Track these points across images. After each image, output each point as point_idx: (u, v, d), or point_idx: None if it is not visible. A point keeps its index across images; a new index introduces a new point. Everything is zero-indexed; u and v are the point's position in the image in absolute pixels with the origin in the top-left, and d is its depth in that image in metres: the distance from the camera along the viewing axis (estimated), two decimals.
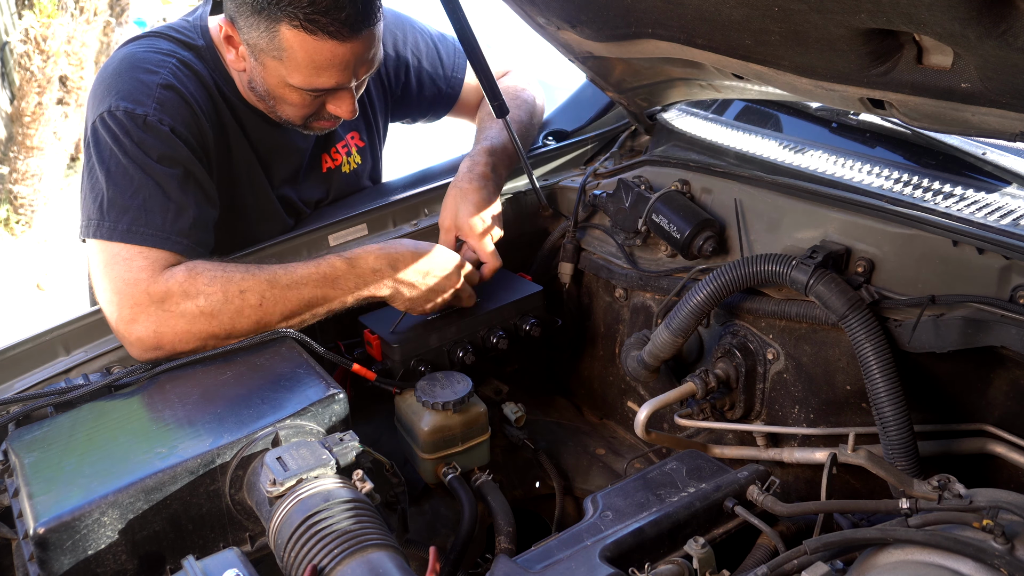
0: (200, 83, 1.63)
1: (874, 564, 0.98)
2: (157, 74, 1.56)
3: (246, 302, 1.44)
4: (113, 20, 7.15)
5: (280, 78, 1.55)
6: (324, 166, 1.92)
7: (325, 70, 1.52)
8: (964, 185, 1.40)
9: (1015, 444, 1.27)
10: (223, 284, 1.44)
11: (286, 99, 1.60)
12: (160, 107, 1.52)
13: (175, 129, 1.52)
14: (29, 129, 6.07)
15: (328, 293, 1.49)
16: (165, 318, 1.42)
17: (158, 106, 1.52)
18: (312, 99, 1.60)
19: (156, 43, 1.64)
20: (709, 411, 1.56)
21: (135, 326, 1.42)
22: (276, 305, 1.45)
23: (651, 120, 1.93)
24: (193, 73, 1.62)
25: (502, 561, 1.13)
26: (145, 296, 1.42)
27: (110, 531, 1.09)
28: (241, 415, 1.24)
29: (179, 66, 1.60)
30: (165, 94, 1.54)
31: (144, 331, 1.42)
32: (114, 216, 1.47)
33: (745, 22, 1.07)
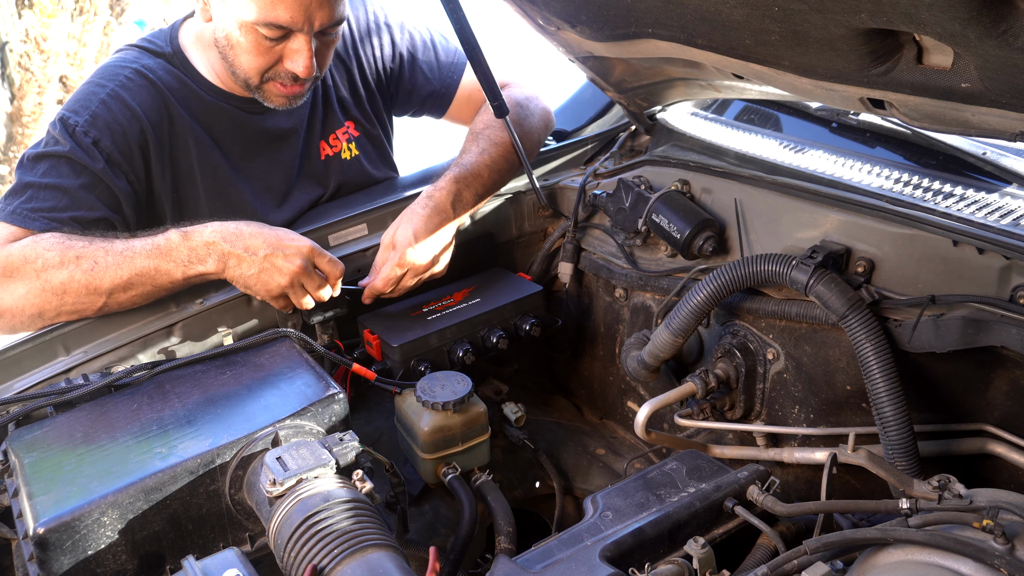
0: (154, 92, 1.71)
1: (874, 564, 0.98)
2: (105, 87, 1.68)
3: (79, 266, 1.47)
4: (113, 20, 7.15)
5: (237, 16, 1.59)
6: (323, 153, 1.93)
7: (279, 2, 1.54)
8: (964, 185, 1.40)
9: (1015, 444, 1.27)
10: (62, 249, 1.48)
11: (242, 45, 1.63)
12: (92, 120, 1.63)
13: (99, 142, 1.62)
14: (29, 129, 6.07)
15: (160, 264, 1.49)
16: (5, 283, 1.49)
17: (91, 118, 1.63)
18: (268, 44, 1.62)
19: (126, 54, 1.77)
20: (709, 411, 1.56)
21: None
22: (107, 271, 1.47)
23: (651, 120, 1.93)
24: (148, 83, 1.71)
25: (502, 561, 1.13)
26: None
27: (110, 531, 1.09)
28: (241, 415, 1.24)
29: (133, 76, 1.70)
30: (103, 108, 1.65)
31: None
32: (9, 200, 1.59)
33: (745, 22, 1.07)
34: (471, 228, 1.85)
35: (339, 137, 1.95)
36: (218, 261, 1.50)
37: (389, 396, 1.59)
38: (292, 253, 1.51)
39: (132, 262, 1.48)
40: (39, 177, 1.59)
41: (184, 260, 1.49)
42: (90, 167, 1.61)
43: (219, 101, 1.77)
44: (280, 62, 1.65)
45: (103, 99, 1.66)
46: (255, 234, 1.52)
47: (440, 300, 1.73)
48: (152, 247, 1.49)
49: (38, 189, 1.58)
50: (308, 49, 1.62)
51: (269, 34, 1.59)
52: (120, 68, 1.71)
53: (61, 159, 1.60)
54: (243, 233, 1.51)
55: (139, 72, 1.71)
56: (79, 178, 1.60)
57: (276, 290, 1.53)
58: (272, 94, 1.71)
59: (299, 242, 1.53)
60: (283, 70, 1.66)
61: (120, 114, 1.65)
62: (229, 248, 1.50)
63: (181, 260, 1.49)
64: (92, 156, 1.61)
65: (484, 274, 1.84)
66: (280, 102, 1.73)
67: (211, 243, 1.50)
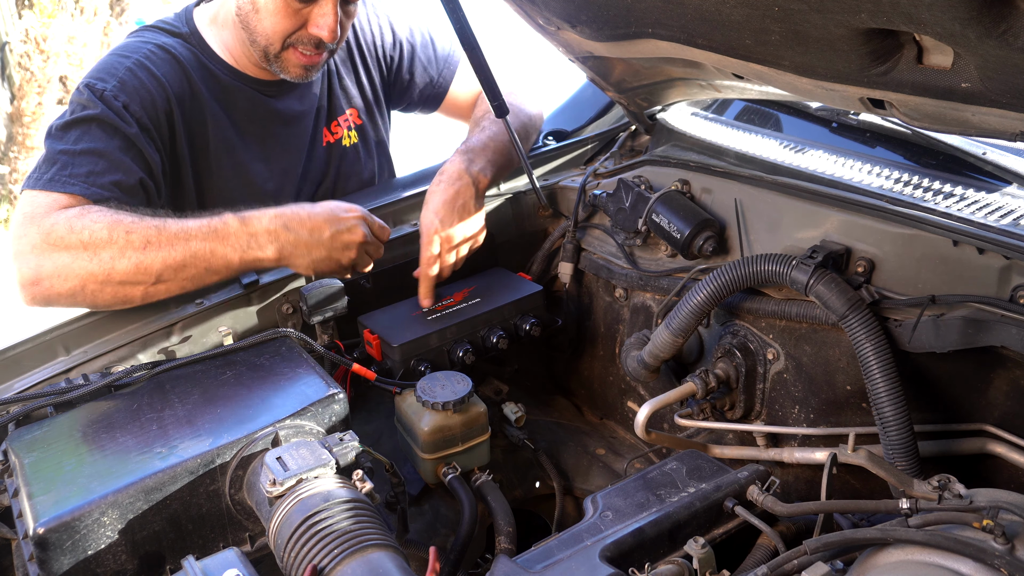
0: (177, 66, 1.71)
1: (874, 564, 0.98)
2: (129, 58, 1.67)
3: (130, 243, 1.43)
4: (113, 20, 7.16)
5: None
6: (324, 140, 1.95)
7: None
8: (964, 185, 1.40)
9: (1015, 444, 1.27)
10: (111, 223, 1.44)
11: (268, 8, 1.64)
12: (120, 85, 1.62)
13: (128, 106, 1.60)
14: (29, 129, 6.08)
15: (216, 248, 1.47)
16: (48, 251, 1.44)
17: (119, 84, 1.61)
18: (295, 8, 1.63)
19: (143, 34, 1.77)
20: (709, 411, 1.56)
21: (20, 260, 1.45)
22: (160, 250, 1.44)
23: (651, 120, 1.93)
24: (170, 57, 1.71)
25: (502, 561, 1.13)
26: (35, 230, 1.45)
27: (110, 531, 1.09)
28: (241, 415, 1.24)
29: (156, 50, 1.70)
30: (130, 75, 1.63)
31: (27, 265, 1.45)
32: (42, 170, 1.54)
33: (745, 22, 1.07)
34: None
35: (340, 124, 1.97)
36: (279, 249, 1.50)
37: (389, 396, 1.59)
38: (353, 224, 1.54)
39: (187, 244, 1.45)
40: (71, 144, 1.55)
41: (243, 246, 1.49)
42: (123, 129, 1.58)
43: (235, 81, 1.79)
44: (304, 27, 1.67)
45: (129, 67, 1.64)
46: (313, 216, 1.52)
47: (440, 300, 1.73)
48: (209, 230, 1.47)
49: (72, 156, 1.54)
50: (335, 13, 1.64)
51: None
52: (142, 43, 1.72)
53: (92, 123, 1.57)
54: (302, 217, 1.51)
55: (160, 47, 1.72)
56: (113, 140, 1.57)
57: (347, 263, 1.56)
58: (290, 63, 1.73)
59: (354, 211, 1.56)
60: (306, 35, 1.68)
61: (147, 82, 1.65)
62: (294, 236, 1.50)
63: (240, 245, 1.48)
64: (124, 119, 1.59)
65: (484, 274, 1.84)
66: (297, 72, 1.74)
67: (272, 231, 1.49)
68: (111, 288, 1.45)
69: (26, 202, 1.52)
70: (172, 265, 1.45)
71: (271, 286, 1.63)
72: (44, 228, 1.45)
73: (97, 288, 1.45)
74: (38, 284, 1.45)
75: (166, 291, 1.49)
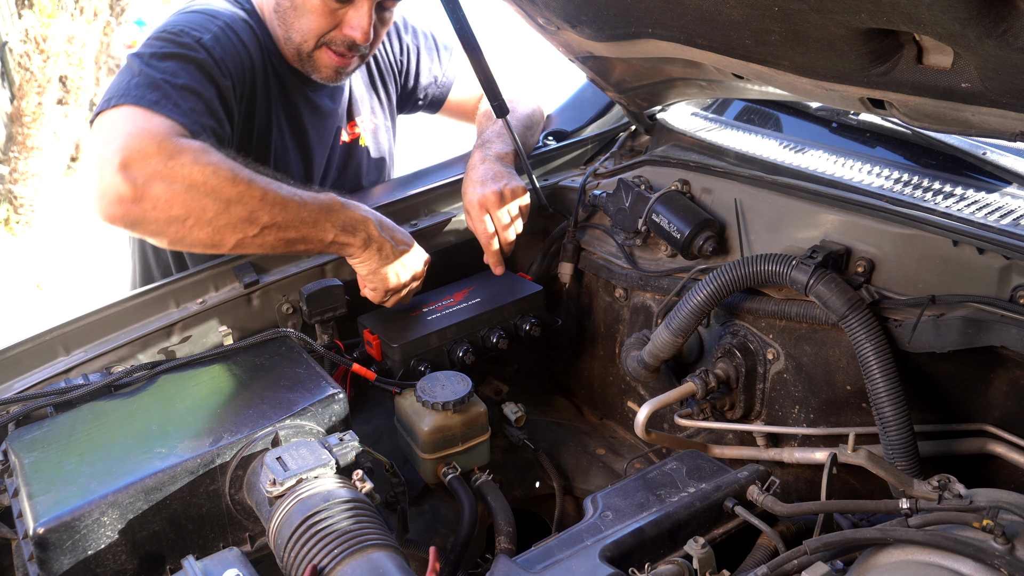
0: (255, 38, 1.72)
1: (874, 564, 0.98)
2: (218, 19, 1.66)
3: (250, 191, 1.40)
4: (113, 20, 7.16)
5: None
6: (340, 139, 1.99)
7: None
8: (964, 185, 1.40)
9: (1015, 444, 1.27)
10: (235, 168, 1.41)
11: (306, 6, 1.66)
12: (216, 39, 1.60)
13: (225, 61, 1.59)
14: (29, 129, 6.08)
15: (319, 219, 1.49)
16: (166, 171, 1.34)
17: (214, 38, 1.60)
18: (331, 7, 1.65)
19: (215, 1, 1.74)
20: (709, 411, 1.56)
21: (125, 171, 1.32)
22: (274, 207, 1.43)
23: (651, 120, 1.93)
24: (248, 28, 1.72)
25: (502, 561, 1.13)
26: (155, 146, 1.35)
27: (110, 531, 1.09)
28: (241, 415, 1.24)
29: (236, 19, 1.70)
30: (225, 32, 1.63)
31: (133, 178, 1.32)
32: (145, 91, 1.44)
33: (745, 22, 1.07)
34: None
35: (357, 124, 2.02)
36: (365, 240, 1.54)
37: (389, 396, 1.59)
38: (417, 257, 1.64)
39: (299, 208, 1.46)
40: (171, 76, 1.48)
41: (340, 226, 1.51)
42: (219, 80, 1.56)
43: (284, 65, 1.80)
44: (339, 27, 1.69)
45: (221, 26, 1.63)
46: (397, 230, 1.61)
47: (440, 300, 1.73)
48: (318, 202, 1.49)
49: (174, 87, 1.47)
50: (370, 16, 1.66)
51: None
52: (222, 10, 1.69)
53: (192, 64, 1.52)
54: (388, 226, 1.59)
55: (240, 18, 1.71)
56: (210, 87, 1.54)
57: (393, 285, 1.61)
58: (322, 63, 1.75)
59: (419, 248, 1.66)
60: (340, 36, 1.70)
61: (236, 44, 1.65)
62: (379, 232, 1.56)
63: (338, 224, 1.51)
64: (222, 71, 1.57)
65: (484, 274, 1.84)
66: (327, 73, 1.77)
67: (366, 221, 1.55)
68: (211, 229, 1.39)
69: (137, 118, 1.40)
70: (279, 223, 1.44)
71: (271, 286, 1.64)
72: (168, 150, 1.35)
73: (198, 225, 1.38)
74: (137, 203, 1.33)
75: (256, 246, 1.46)
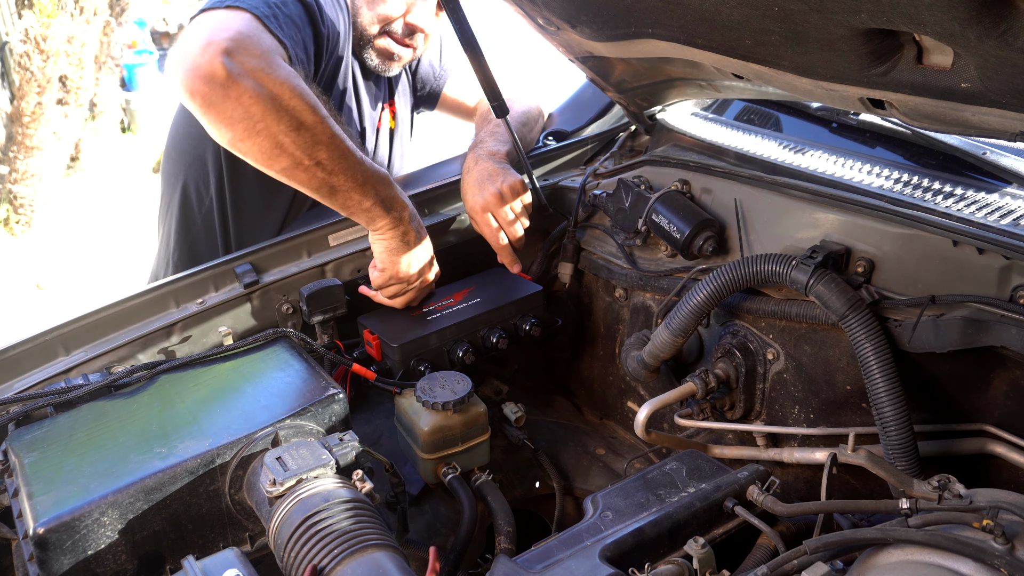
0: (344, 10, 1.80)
1: (874, 564, 0.98)
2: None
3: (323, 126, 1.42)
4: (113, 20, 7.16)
5: None
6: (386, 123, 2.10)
7: None
8: (964, 185, 1.40)
9: (1015, 444, 1.27)
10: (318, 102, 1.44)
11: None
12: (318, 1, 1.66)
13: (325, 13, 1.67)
14: (29, 129, 6.07)
15: (368, 183, 1.51)
16: (263, 73, 1.36)
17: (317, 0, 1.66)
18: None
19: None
20: (709, 411, 1.56)
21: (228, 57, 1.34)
22: (336, 150, 1.45)
23: (651, 120, 1.93)
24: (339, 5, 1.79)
25: (502, 561, 1.13)
26: (261, 50, 1.38)
27: (110, 531, 1.09)
28: (241, 415, 1.24)
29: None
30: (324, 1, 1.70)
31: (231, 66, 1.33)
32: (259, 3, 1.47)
33: (745, 22, 1.07)
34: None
35: (385, 110, 2.09)
36: (396, 220, 1.57)
37: (389, 396, 1.59)
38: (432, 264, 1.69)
39: (356, 163, 1.49)
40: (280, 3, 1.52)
41: (382, 198, 1.54)
42: (318, 26, 1.64)
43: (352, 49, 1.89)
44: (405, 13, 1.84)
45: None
46: (421, 228, 1.65)
47: (440, 300, 1.73)
48: (372, 168, 1.53)
49: (279, 9, 1.51)
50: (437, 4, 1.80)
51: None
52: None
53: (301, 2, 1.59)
54: (417, 215, 1.64)
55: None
56: (309, 27, 1.61)
57: (404, 274, 1.64)
58: (379, 50, 1.87)
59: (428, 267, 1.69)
60: (403, 25, 1.85)
61: (333, 13, 1.71)
62: (409, 218, 1.60)
63: (381, 195, 1.54)
64: (324, 21, 1.65)
65: (484, 274, 1.84)
66: (381, 62, 1.89)
67: (405, 204, 1.60)
68: (273, 142, 1.40)
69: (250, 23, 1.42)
70: (332, 168, 1.46)
71: (271, 286, 1.64)
72: (269, 60, 1.38)
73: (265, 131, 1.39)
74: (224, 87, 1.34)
75: (302, 180, 1.46)
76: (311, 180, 1.46)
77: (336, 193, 1.50)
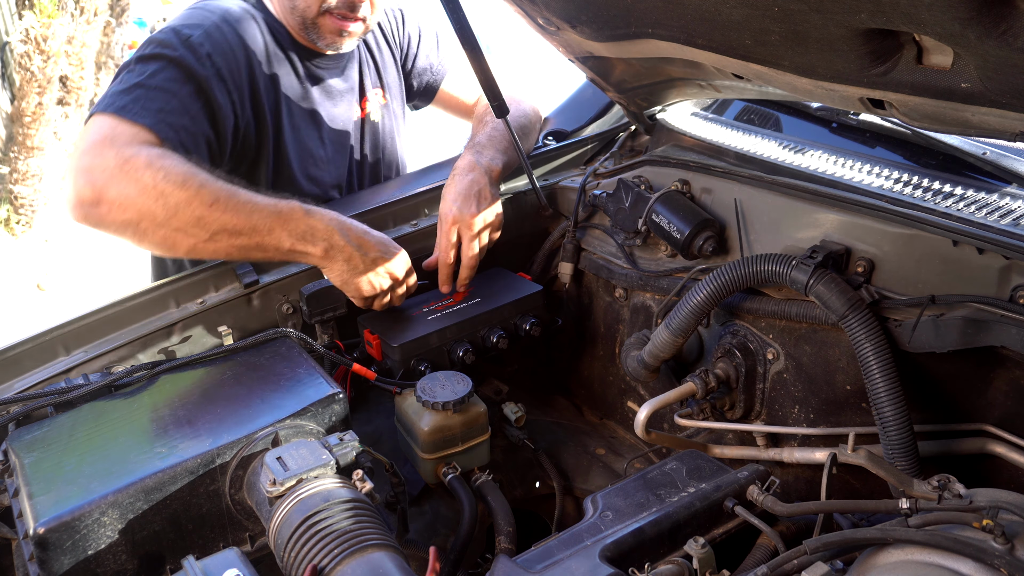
0: (256, 27, 1.78)
1: (874, 564, 0.98)
2: (215, 13, 1.73)
3: (199, 196, 1.44)
4: (113, 20, 7.15)
5: None
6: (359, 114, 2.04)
7: None
8: (964, 185, 1.40)
9: (1015, 444, 1.27)
10: (188, 171, 1.46)
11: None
12: (207, 35, 1.67)
13: (211, 55, 1.65)
14: (29, 129, 6.08)
15: (275, 227, 1.49)
16: (119, 176, 1.44)
17: (205, 34, 1.67)
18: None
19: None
20: (709, 411, 1.56)
21: (85, 178, 1.45)
22: (225, 213, 1.45)
23: (651, 120, 1.93)
24: (250, 17, 1.78)
25: (502, 561, 1.13)
26: (112, 153, 1.46)
27: (110, 531, 1.09)
28: (241, 415, 1.24)
29: (236, 10, 1.76)
30: (217, 27, 1.69)
31: (92, 186, 1.44)
32: (117, 97, 1.56)
33: (745, 22, 1.07)
34: None
35: (370, 99, 2.05)
36: (327, 249, 1.53)
37: (389, 396, 1.59)
38: (396, 263, 1.60)
39: (251, 214, 1.47)
40: (147, 78, 1.59)
41: (299, 234, 1.50)
42: (199, 74, 1.62)
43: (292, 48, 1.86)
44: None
45: (215, 22, 1.71)
46: (367, 234, 1.58)
47: (440, 300, 1.73)
48: (275, 209, 1.50)
49: (147, 89, 1.57)
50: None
51: None
52: (224, 3, 1.76)
53: (171, 63, 1.61)
54: (357, 231, 1.56)
55: (243, 9, 1.77)
56: (187, 85, 1.61)
57: (369, 292, 1.59)
58: (326, 29, 1.80)
59: (401, 253, 1.62)
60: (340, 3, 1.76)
61: (231, 38, 1.70)
62: (344, 241, 1.53)
63: (296, 233, 1.50)
64: (203, 64, 1.63)
65: (484, 274, 1.84)
66: (332, 39, 1.83)
67: (329, 230, 1.52)
68: (164, 232, 1.46)
69: (104, 125, 1.52)
70: (230, 229, 1.46)
71: (271, 286, 1.64)
72: (124, 155, 1.45)
73: (151, 228, 1.46)
74: (97, 206, 1.45)
75: (212, 252, 1.51)
76: (219, 251, 1.49)
77: (250, 250, 1.50)
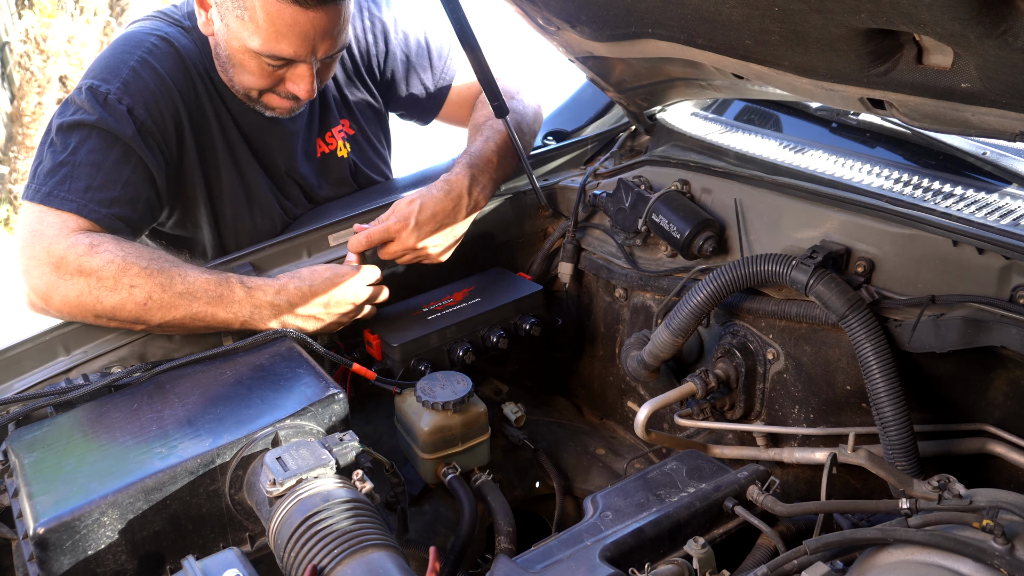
0: (181, 62, 1.68)
1: (874, 564, 0.98)
2: (133, 54, 1.63)
3: (132, 297, 1.44)
4: (113, 20, 7.16)
5: (241, 41, 1.57)
6: (319, 150, 1.94)
7: (285, 36, 1.53)
8: (964, 185, 1.40)
9: (1015, 444, 1.27)
10: (118, 270, 1.44)
11: (245, 66, 1.62)
12: (124, 87, 1.59)
13: (132, 110, 1.58)
14: (29, 129, 6.08)
15: (217, 313, 1.47)
16: (56, 283, 1.46)
17: (122, 86, 1.59)
18: (270, 69, 1.61)
19: (146, 23, 1.73)
20: (709, 411, 1.56)
21: (30, 278, 1.49)
22: (160, 310, 1.45)
23: (651, 120, 1.93)
24: (174, 51, 1.68)
25: (502, 561, 1.13)
26: (44, 253, 1.47)
27: (110, 531, 1.09)
28: (241, 415, 1.24)
29: (159, 43, 1.67)
30: (133, 75, 1.60)
31: (36, 285, 1.48)
32: (42, 180, 1.53)
33: (745, 22, 1.07)
34: (471, 228, 1.84)
35: (335, 135, 1.96)
36: (274, 313, 1.50)
37: (389, 396, 1.59)
38: (350, 290, 1.57)
39: (190, 305, 1.45)
40: (70, 154, 1.54)
41: (245, 315, 1.48)
42: (121, 135, 1.55)
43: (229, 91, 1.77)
44: (282, 83, 1.66)
45: (132, 66, 1.61)
46: (315, 288, 1.53)
47: (440, 300, 1.73)
48: (214, 294, 1.47)
49: (72, 167, 1.53)
50: (310, 76, 1.63)
51: (273, 62, 1.60)
52: (144, 35, 1.67)
53: (92, 130, 1.55)
54: (304, 292, 1.52)
55: (164, 39, 1.68)
56: (112, 150, 1.55)
57: (343, 324, 1.60)
58: (272, 103, 1.72)
59: (351, 279, 1.57)
60: (284, 89, 1.67)
61: (151, 82, 1.62)
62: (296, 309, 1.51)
63: (242, 314, 1.48)
64: (123, 124, 1.56)
65: (484, 274, 1.84)
66: (280, 111, 1.74)
67: (276, 305, 1.50)
68: (116, 323, 1.49)
69: (33, 218, 1.51)
70: (171, 322, 1.47)
71: None
72: (55, 254, 1.46)
73: (104, 322, 1.49)
74: (47, 309, 1.50)
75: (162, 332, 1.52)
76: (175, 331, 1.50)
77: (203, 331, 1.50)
